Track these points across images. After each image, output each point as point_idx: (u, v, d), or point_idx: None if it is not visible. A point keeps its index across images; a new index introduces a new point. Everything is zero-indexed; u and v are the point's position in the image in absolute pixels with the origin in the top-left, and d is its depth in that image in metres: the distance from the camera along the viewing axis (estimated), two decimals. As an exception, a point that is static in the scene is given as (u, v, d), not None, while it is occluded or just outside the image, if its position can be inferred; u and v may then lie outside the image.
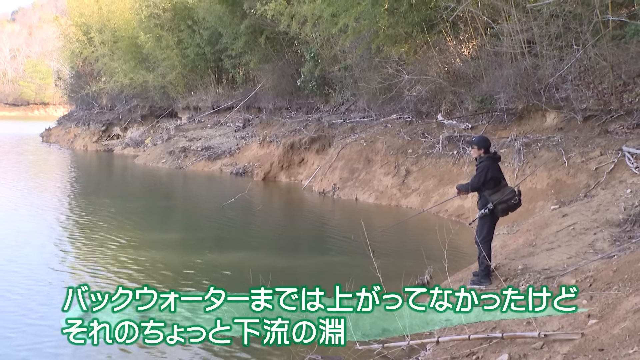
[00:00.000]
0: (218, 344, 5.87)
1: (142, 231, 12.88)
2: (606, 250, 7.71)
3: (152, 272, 9.64)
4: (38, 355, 6.58)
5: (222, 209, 15.56)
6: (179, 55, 31.46)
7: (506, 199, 7.76)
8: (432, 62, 17.87)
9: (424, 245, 10.18)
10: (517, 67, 15.07)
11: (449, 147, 15.80)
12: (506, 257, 8.81)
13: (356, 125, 20.48)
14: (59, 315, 7.35)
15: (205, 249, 11.52)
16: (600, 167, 11.65)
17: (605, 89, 13.75)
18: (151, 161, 27.73)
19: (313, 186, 18.68)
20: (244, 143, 25.51)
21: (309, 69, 23.63)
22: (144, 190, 21.03)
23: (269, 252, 11.43)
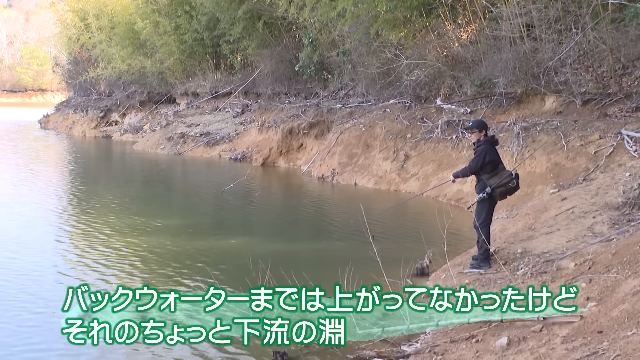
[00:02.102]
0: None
1: (141, 217, 12.87)
2: (605, 233, 7.72)
3: (151, 259, 9.64)
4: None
5: (222, 194, 15.57)
6: (176, 41, 31.33)
7: (504, 182, 7.77)
8: (430, 47, 17.80)
9: (423, 229, 10.20)
10: (516, 51, 15.02)
11: (448, 131, 15.79)
12: (505, 240, 8.83)
13: (355, 110, 20.44)
14: (58, 312, 7.40)
15: (205, 234, 11.53)
16: (599, 150, 11.65)
17: (604, 72, 13.72)
18: (150, 147, 27.69)
19: (312, 171, 18.67)
20: (243, 129, 25.47)
21: (308, 54, 23.53)
22: (143, 176, 21.02)
23: (269, 237, 11.44)
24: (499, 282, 7.21)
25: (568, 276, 6.54)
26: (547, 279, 6.73)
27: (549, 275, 6.84)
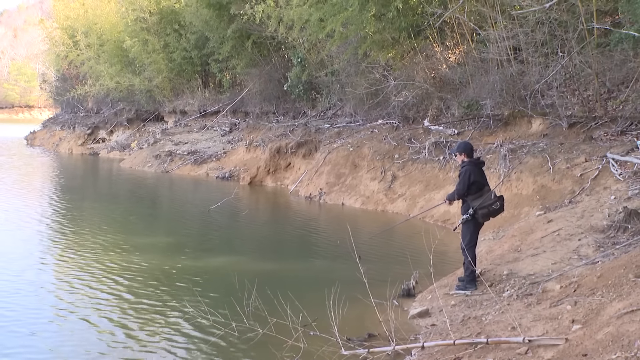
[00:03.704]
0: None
1: (127, 235, 12.79)
2: (590, 256, 7.76)
3: (135, 279, 9.55)
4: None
5: (208, 213, 15.51)
6: (165, 59, 31.42)
7: (487, 204, 7.80)
8: (418, 68, 17.94)
9: (409, 250, 10.21)
10: (503, 73, 15.16)
11: (435, 152, 15.85)
12: (491, 262, 8.85)
13: (343, 130, 20.51)
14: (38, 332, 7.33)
15: (191, 253, 11.46)
16: (585, 173, 11.73)
17: (590, 96, 13.86)
18: (137, 165, 27.60)
19: (299, 191, 18.66)
20: (231, 147, 25.45)
21: (296, 73, 23.64)
22: (129, 194, 20.90)
23: (255, 256, 11.39)
24: (485, 304, 7.22)
25: (553, 298, 6.57)
26: (532, 301, 6.75)
27: (534, 298, 6.86)
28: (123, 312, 8.00)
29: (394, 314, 6.71)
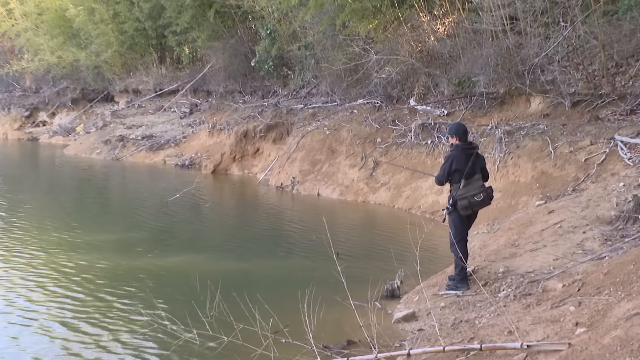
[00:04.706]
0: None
1: (74, 232, 12.65)
2: (596, 250, 7.81)
3: (83, 282, 9.45)
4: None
5: (166, 206, 15.42)
6: (115, 30, 31.03)
7: (469, 194, 7.75)
8: (403, 41, 17.89)
9: (394, 245, 10.21)
10: (498, 46, 15.20)
11: (423, 135, 15.87)
12: (485, 258, 8.89)
13: (318, 111, 20.48)
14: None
15: (147, 251, 11.37)
16: (590, 157, 11.81)
17: (595, 70, 13.94)
18: (84, 152, 27.31)
19: (269, 180, 18.61)
20: (191, 131, 25.31)
21: (265, 47, 23.50)
22: (75, 185, 20.71)
23: (219, 254, 11.34)
24: (479, 306, 7.24)
25: (555, 298, 6.60)
26: (531, 302, 6.78)
27: (534, 298, 6.89)
28: (63, 323, 7.91)
29: (376, 317, 6.70)
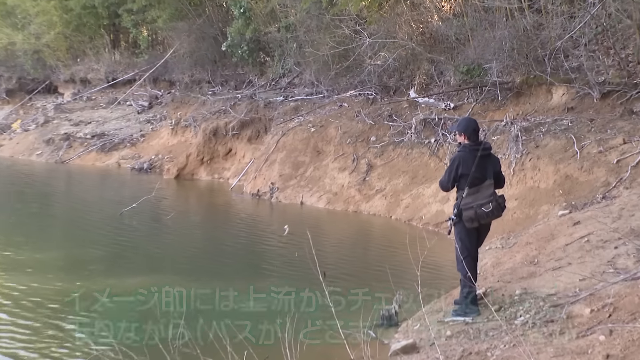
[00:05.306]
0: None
1: (8, 249, 12.60)
2: (631, 269, 7.81)
3: (14, 310, 9.39)
4: None
5: (120, 217, 15.35)
6: (58, 9, 30.99)
7: (476, 203, 7.70)
8: (401, 21, 17.92)
9: (390, 263, 10.18)
10: (513, 27, 15.23)
11: (425, 133, 15.88)
12: (499, 279, 8.87)
13: (301, 104, 20.48)
14: None
15: (96, 272, 11.32)
16: (623, 159, 11.82)
17: (629, 55, 13.99)
18: (21, 153, 27.22)
19: (244, 186, 18.59)
20: (150, 128, 25.30)
21: (238, 29, 23.48)
22: (11, 193, 20.59)
23: (184, 275, 11.24)
24: (492, 335, 7.21)
25: (582, 326, 6.59)
26: (554, 330, 6.76)
27: (557, 325, 6.87)
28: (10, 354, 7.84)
29: (370, 349, 6.66)
